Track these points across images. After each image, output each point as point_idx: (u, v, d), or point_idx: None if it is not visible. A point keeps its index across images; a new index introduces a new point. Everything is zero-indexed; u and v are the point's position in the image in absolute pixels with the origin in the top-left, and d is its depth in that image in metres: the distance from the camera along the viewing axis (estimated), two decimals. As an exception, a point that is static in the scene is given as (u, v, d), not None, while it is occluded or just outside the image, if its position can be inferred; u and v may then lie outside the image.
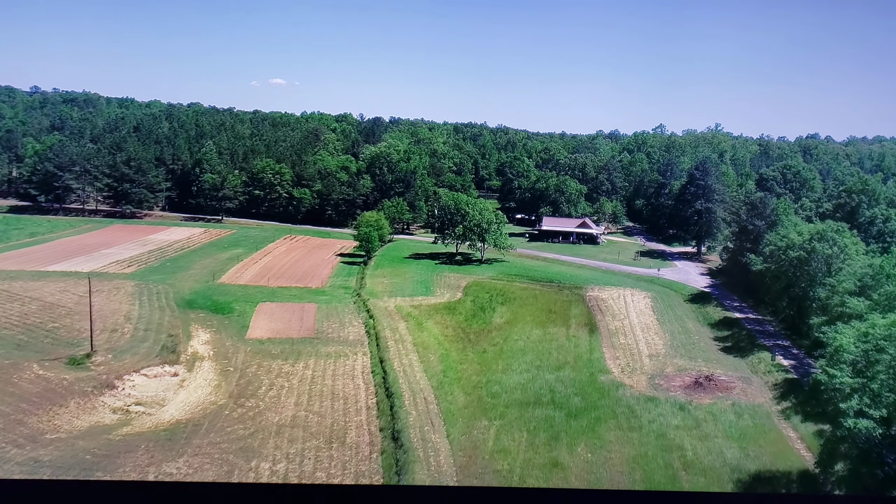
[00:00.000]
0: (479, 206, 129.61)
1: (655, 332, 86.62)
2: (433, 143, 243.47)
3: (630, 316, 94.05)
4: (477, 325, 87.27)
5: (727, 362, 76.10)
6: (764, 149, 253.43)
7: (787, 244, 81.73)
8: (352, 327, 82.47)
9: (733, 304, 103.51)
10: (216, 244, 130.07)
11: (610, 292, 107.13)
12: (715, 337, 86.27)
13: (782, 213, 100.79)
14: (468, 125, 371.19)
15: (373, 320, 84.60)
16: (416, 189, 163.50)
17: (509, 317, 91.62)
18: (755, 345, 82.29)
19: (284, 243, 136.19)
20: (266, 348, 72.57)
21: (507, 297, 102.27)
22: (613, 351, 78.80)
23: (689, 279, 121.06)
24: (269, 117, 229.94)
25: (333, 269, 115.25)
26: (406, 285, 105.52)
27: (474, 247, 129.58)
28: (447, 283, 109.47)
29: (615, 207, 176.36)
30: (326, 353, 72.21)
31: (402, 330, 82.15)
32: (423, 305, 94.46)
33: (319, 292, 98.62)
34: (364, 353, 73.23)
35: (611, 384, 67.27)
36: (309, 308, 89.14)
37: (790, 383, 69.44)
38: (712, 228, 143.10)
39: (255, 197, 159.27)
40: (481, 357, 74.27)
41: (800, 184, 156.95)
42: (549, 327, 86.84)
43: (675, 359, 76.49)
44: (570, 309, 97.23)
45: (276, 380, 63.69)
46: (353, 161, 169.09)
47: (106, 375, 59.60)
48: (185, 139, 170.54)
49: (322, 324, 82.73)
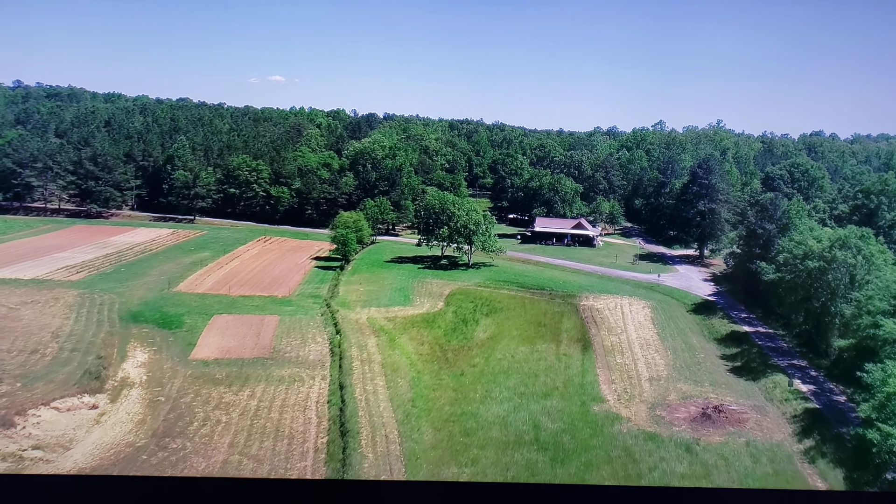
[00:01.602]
0: (466, 207, 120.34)
1: (656, 350, 77.43)
2: (425, 139, 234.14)
3: (628, 330, 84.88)
4: (457, 340, 78.00)
5: (738, 387, 66.93)
6: (767, 146, 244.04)
7: (805, 252, 72.46)
8: (314, 344, 73.17)
9: (741, 316, 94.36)
10: (182, 247, 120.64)
11: (606, 301, 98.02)
12: (722, 355, 77.10)
13: (795, 215, 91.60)
14: (464, 122, 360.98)
15: (339, 336, 75.31)
16: (402, 187, 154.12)
17: (494, 330, 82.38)
18: (768, 365, 73.10)
19: (257, 246, 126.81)
20: (210, 371, 63.26)
21: (493, 306, 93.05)
22: (609, 373, 69.59)
23: (691, 286, 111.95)
24: (251, 112, 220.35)
25: (306, 274, 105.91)
26: (383, 293, 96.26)
27: (461, 250, 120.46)
28: (429, 290, 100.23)
29: (612, 207, 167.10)
30: (279, 378, 62.92)
31: (371, 347, 72.92)
32: (399, 317, 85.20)
33: (285, 302, 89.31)
34: (323, 377, 63.97)
35: (605, 417, 58.07)
36: (269, 321, 79.84)
37: (812, 415, 60.25)
38: (716, 230, 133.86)
39: (231, 196, 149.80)
40: (458, 381, 65.01)
41: (808, 183, 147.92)
42: (537, 343, 77.64)
43: (679, 382, 67.31)
44: (562, 321, 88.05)
45: (212, 412, 54.40)
46: (335, 157, 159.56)
47: (6, 410, 50.29)
48: (157, 134, 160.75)
49: (281, 340, 73.42)
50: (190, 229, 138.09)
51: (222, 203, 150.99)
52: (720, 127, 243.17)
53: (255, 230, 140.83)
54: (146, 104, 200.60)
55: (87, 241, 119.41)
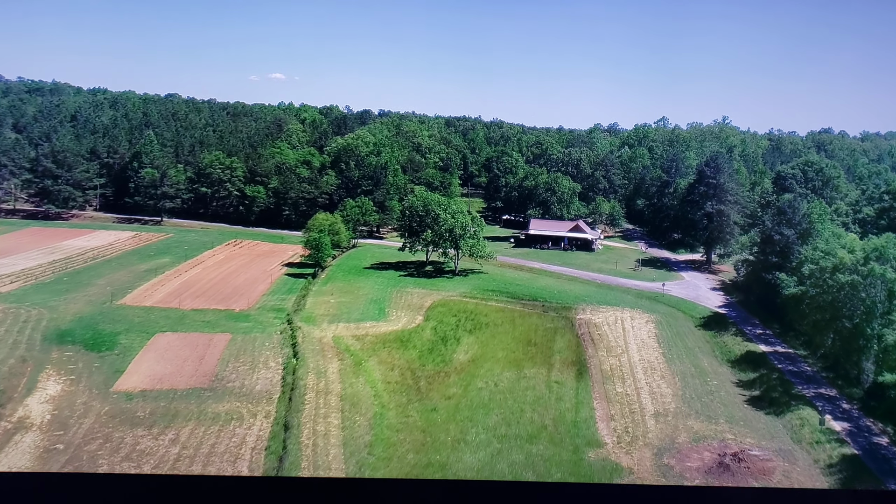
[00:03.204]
0: (453, 208, 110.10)
1: (662, 375, 67.23)
2: (418, 136, 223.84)
3: (629, 350, 74.68)
4: (433, 364, 67.80)
5: (758, 424, 56.75)
6: (775, 144, 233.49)
7: (834, 264, 62.19)
8: (265, 370, 62.99)
9: (755, 332, 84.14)
10: (141, 252, 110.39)
11: (605, 314, 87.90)
12: (738, 381, 66.93)
13: (817, 220, 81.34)
14: (461, 119, 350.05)
15: (296, 360, 65.15)
16: (388, 186, 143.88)
17: (476, 351, 72.19)
18: (792, 395, 62.89)
19: (225, 250, 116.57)
20: (131, 408, 53.08)
21: (478, 321, 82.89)
22: (607, 406, 59.39)
23: (699, 296, 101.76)
24: (230, 106, 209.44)
25: (273, 283, 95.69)
26: (356, 306, 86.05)
27: (447, 256, 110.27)
28: (408, 302, 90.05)
29: (613, 208, 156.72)
30: (213, 415, 52.75)
31: (331, 374, 62.78)
32: (370, 335, 75.01)
33: (242, 317, 79.10)
34: (267, 415, 53.80)
35: (602, 467, 47.88)
36: (218, 341, 69.66)
37: (851, 464, 50.05)
38: (724, 234, 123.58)
39: (202, 195, 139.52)
40: (428, 419, 54.82)
41: (822, 182, 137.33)
42: (525, 367, 67.45)
43: (690, 419, 57.12)
44: (555, 339, 77.89)
45: (119, 465, 44.22)
46: (316, 154, 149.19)
47: None
48: (126, 129, 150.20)
49: (226, 365, 63.23)
50: (155, 232, 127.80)
51: (194, 203, 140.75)
52: (726, 124, 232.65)
53: (226, 233, 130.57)
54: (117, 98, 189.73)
55: (36, 245, 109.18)
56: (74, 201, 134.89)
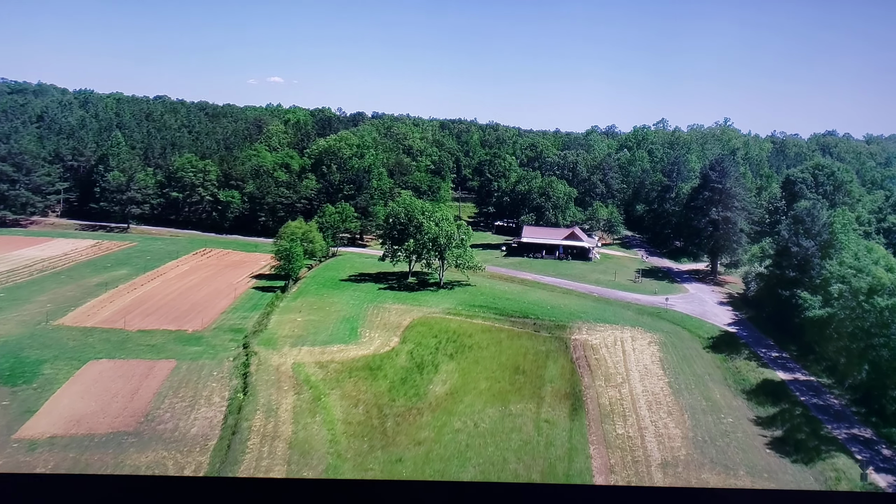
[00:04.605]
0: (437, 216, 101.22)
1: (669, 411, 58.30)
2: (409, 138, 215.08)
3: (631, 378, 65.76)
4: (405, 398, 58.78)
5: (785, 477, 47.83)
6: (779, 147, 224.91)
7: (871, 285, 53.34)
8: (206, 408, 53.92)
9: (771, 355, 75.32)
10: (97, 263, 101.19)
11: (603, 334, 79.14)
12: (757, 418, 58.00)
13: (840, 230, 72.48)
14: (456, 121, 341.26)
15: (244, 395, 56.10)
16: (371, 191, 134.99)
17: (456, 381, 63.17)
18: (822, 438, 53.99)
19: (191, 260, 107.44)
20: (31, 461, 43.96)
21: (461, 343, 73.99)
22: (606, 453, 50.38)
23: (705, 311, 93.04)
24: (209, 107, 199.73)
25: (236, 299, 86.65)
26: (325, 325, 77.06)
27: (430, 267, 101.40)
28: (384, 320, 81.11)
29: (611, 214, 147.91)
30: (131, 469, 43.65)
31: (283, 412, 53.78)
32: (336, 362, 65.98)
33: (194, 339, 70.01)
34: (197, 468, 44.70)
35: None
36: (160, 370, 60.58)
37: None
38: (731, 243, 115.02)
39: (173, 200, 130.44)
40: (392, 472, 45.78)
41: (834, 187, 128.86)
42: (511, 402, 58.47)
43: (704, 470, 48.14)
44: (547, 365, 68.95)
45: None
46: (296, 157, 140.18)
47: None
48: (94, 131, 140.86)
49: (162, 402, 54.14)
50: (119, 240, 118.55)
51: (164, 209, 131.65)
52: (728, 126, 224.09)
53: (196, 241, 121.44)
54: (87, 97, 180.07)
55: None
56: (34, 207, 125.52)
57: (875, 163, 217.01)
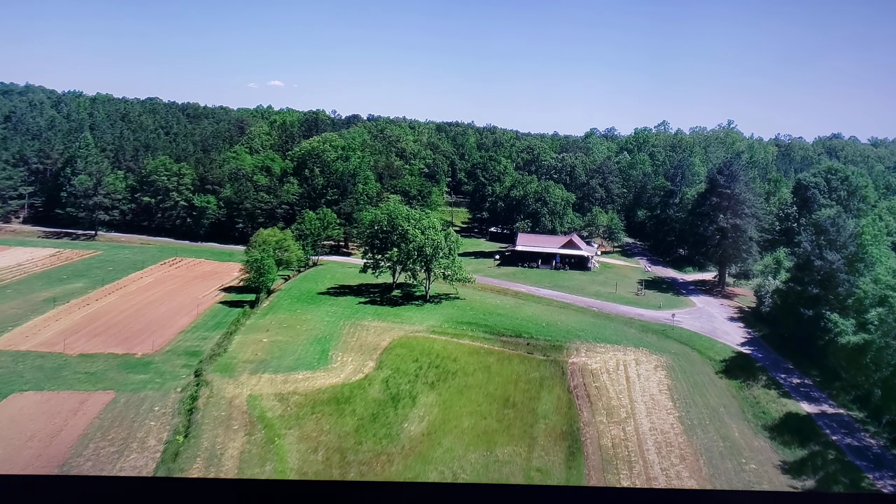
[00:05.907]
0: (423, 223, 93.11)
1: (681, 455, 50.14)
2: (402, 140, 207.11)
3: (636, 413, 57.62)
4: (373, 440, 50.55)
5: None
6: (784, 150, 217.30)
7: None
8: (138, 454, 45.68)
9: (792, 382, 67.26)
10: (51, 274, 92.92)
11: (604, 356, 71.05)
12: (783, 464, 49.92)
13: (869, 242, 64.45)
14: (453, 124, 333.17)
15: (182, 438, 47.84)
16: (356, 196, 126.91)
17: (436, 417, 54.99)
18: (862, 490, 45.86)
19: (158, 271, 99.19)
20: None
21: (445, 369, 65.82)
22: (609, 513, 42.18)
23: (715, 328, 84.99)
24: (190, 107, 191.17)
25: (199, 316, 78.42)
26: (292, 347, 68.84)
27: (416, 278, 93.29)
28: (360, 340, 72.93)
29: (611, 220, 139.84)
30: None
31: (228, 459, 45.57)
32: (299, 393, 57.79)
33: (141, 365, 61.78)
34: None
35: None
36: (93, 404, 52.38)
37: None
38: (741, 252, 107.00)
39: (145, 205, 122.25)
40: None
41: (848, 192, 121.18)
42: (498, 445, 50.31)
43: (727, 536, 39.90)
44: (541, 396, 60.82)
45: None
46: (277, 159, 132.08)
47: None
48: (63, 132, 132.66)
49: (86, 446, 45.90)
50: (83, 248, 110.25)
51: (135, 215, 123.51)
52: (731, 128, 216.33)
53: (167, 249, 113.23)
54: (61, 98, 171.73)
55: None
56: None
57: (884, 167, 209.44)
